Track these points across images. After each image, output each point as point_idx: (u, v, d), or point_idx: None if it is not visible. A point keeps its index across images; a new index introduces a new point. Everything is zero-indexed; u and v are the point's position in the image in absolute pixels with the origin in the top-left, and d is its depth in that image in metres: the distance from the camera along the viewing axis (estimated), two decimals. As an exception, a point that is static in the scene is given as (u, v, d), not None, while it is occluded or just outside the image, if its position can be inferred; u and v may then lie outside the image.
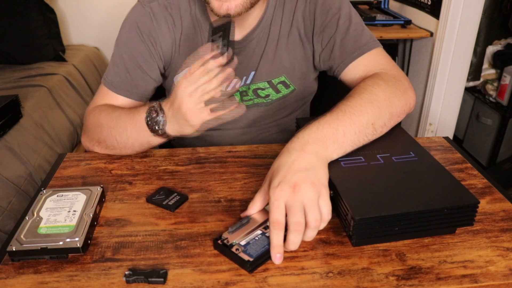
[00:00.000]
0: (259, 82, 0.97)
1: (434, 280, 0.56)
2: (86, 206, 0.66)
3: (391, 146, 0.75)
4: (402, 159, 0.71)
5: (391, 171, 0.68)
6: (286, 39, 0.96)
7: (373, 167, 0.68)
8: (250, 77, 0.97)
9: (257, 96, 0.99)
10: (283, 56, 0.96)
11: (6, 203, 1.27)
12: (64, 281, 0.56)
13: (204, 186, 0.76)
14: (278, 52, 0.96)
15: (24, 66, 2.03)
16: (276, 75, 0.97)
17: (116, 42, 0.93)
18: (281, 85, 0.99)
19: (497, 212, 0.69)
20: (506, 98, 2.16)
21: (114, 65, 0.92)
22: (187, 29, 0.93)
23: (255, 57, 0.96)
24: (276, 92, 0.99)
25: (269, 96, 0.99)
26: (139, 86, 0.93)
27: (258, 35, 0.94)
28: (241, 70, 0.95)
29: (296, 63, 0.98)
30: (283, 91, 1.00)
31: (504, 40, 2.38)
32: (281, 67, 0.97)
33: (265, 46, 0.95)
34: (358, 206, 0.60)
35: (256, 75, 0.97)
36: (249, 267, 0.57)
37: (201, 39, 0.94)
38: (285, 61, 0.97)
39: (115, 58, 0.93)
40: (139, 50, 0.91)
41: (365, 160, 0.70)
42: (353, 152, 0.72)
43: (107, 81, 0.92)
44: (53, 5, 2.21)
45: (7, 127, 1.45)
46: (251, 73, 0.96)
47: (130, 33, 0.91)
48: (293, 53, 0.97)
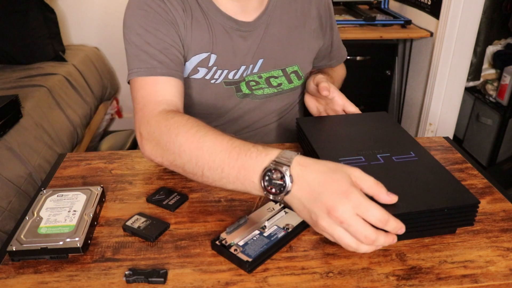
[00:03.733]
0: (272, 70, 0.97)
1: (435, 280, 0.56)
2: (86, 206, 0.66)
3: (392, 146, 0.75)
4: (402, 159, 0.71)
5: (391, 171, 0.68)
6: (302, 29, 0.98)
7: (373, 167, 0.68)
8: (258, 65, 0.95)
9: (269, 85, 0.98)
10: (298, 45, 0.98)
11: (6, 203, 1.27)
12: (64, 281, 0.56)
13: (204, 186, 0.76)
14: (293, 40, 0.97)
15: (24, 66, 2.03)
16: (290, 63, 0.98)
17: (127, 32, 0.83)
18: (294, 75, 1.00)
19: (497, 212, 0.69)
20: (506, 98, 2.16)
21: (136, 55, 0.81)
22: (197, 13, 0.88)
23: (265, 43, 0.94)
24: (288, 82, 1.00)
25: (281, 85, 0.99)
26: (172, 61, 0.82)
27: (266, 20, 0.93)
28: (248, 57, 0.93)
29: (309, 55, 1.02)
30: (295, 82, 1.01)
31: (504, 40, 2.38)
32: (296, 56, 0.98)
33: (277, 32, 0.95)
34: None
35: (267, 63, 0.96)
36: (248, 267, 0.57)
37: (210, 24, 0.88)
38: (299, 50, 0.98)
39: (132, 47, 0.82)
40: (159, 28, 0.82)
41: (366, 160, 0.70)
42: (353, 152, 0.72)
43: (138, 72, 0.81)
44: (53, 5, 2.21)
45: (7, 127, 1.45)
46: (259, 61, 0.95)
47: (145, 15, 0.82)
48: (307, 44, 1.00)
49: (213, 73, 0.92)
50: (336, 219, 0.52)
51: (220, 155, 0.62)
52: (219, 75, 0.93)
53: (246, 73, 0.95)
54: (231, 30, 0.90)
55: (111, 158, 0.86)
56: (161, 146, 0.70)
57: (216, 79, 0.93)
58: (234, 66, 0.93)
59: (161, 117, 0.73)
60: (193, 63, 0.90)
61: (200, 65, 0.91)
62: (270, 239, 0.60)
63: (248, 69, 0.95)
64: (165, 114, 0.73)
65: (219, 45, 0.91)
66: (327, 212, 0.53)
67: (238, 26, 0.91)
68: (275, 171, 0.56)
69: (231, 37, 0.91)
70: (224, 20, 0.90)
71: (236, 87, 0.96)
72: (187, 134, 0.67)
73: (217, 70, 0.92)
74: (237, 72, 0.94)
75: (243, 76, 0.95)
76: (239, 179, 0.61)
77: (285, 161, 0.57)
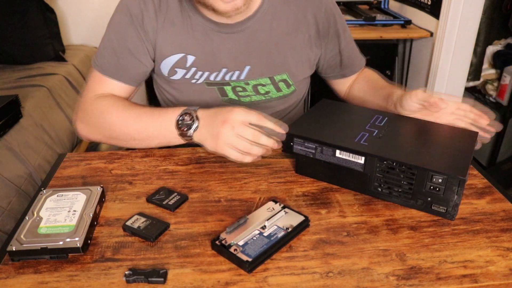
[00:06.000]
0: (259, 77, 0.96)
1: (434, 280, 0.56)
2: (86, 206, 0.66)
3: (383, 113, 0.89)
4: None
5: (420, 127, 0.79)
6: (294, 37, 0.95)
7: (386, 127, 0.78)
8: (245, 72, 0.95)
9: (257, 92, 0.98)
10: (288, 53, 0.96)
11: (6, 203, 1.27)
12: (64, 281, 0.56)
13: (204, 186, 0.76)
14: (282, 47, 0.95)
15: (24, 66, 2.03)
16: (279, 71, 0.96)
17: (107, 25, 0.93)
18: (283, 84, 0.98)
19: (497, 212, 0.69)
20: (506, 98, 2.16)
21: (104, 48, 0.92)
22: (173, 14, 0.90)
23: (251, 49, 0.93)
24: (277, 90, 0.99)
25: (269, 93, 0.99)
26: (128, 69, 0.92)
27: (254, 25, 0.92)
28: (230, 60, 0.93)
29: (300, 64, 0.98)
30: (284, 90, 0.99)
31: (504, 40, 2.37)
32: (285, 64, 0.96)
33: (266, 39, 0.94)
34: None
35: (254, 70, 0.95)
36: (248, 267, 0.57)
37: (189, 26, 0.91)
38: (290, 59, 0.96)
39: (104, 40, 0.92)
40: (128, 33, 0.90)
41: (375, 128, 0.79)
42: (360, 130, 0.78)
43: (97, 64, 0.92)
44: (53, 5, 2.21)
45: (7, 127, 1.45)
46: (246, 67, 0.95)
47: (120, 16, 0.91)
48: (300, 53, 0.97)
49: (192, 73, 0.93)
50: (229, 144, 0.73)
51: (144, 119, 0.84)
52: (200, 76, 0.94)
53: (231, 78, 0.95)
54: (211, 32, 0.91)
55: (111, 158, 0.86)
56: (98, 126, 0.89)
57: (197, 79, 0.94)
58: (214, 68, 0.93)
59: (94, 102, 0.90)
60: (169, 64, 0.93)
61: (177, 66, 0.93)
62: (270, 239, 0.61)
63: (233, 75, 0.94)
64: (97, 99, 0.90)
65: (199, 47, 0.91)
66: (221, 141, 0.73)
67: (218, 28, 0.91)
68: (186, 115, 0.79)
69: (212, 39, 0.91)
70: (204, 22, 0.90)
71: (221, 91, 0.96)
72: (116, 112, 0.86)
73: (197, 71, 0.93)
74: (218, 74, 0.94)
75: (227, 80, 0.94)
76: (161, 132, 0.82)
77: (192, 109, 0.80)
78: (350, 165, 0.72)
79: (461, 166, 0.66)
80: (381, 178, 0.70)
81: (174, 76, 0.94)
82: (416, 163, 0.66)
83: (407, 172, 0.67)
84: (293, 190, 0.75)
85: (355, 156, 0.71)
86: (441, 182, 0.65)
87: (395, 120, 0.82)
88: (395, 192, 0.70)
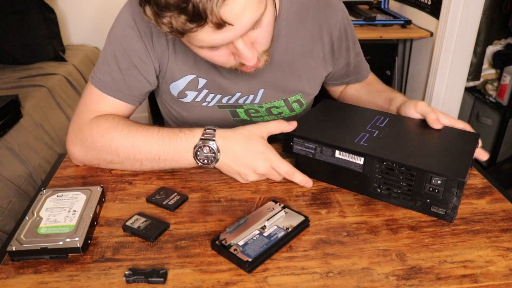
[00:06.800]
0: (274, 100, 0.93)
1: (434, 280, 0.56)
2: (86, 206, 0.66)
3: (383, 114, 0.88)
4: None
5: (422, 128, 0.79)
6: (308, 58, 0.92)
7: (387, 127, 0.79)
8: (259, 95, 0.91)
9: (270, 114, 0.96)
10: (302, 74, 0.93)
11: (6, 203, 1.27)
12: (64, 281, 0.56)
13: (204, 186, 0.76)
14: (297, 69, 0.91)
15: (24, 66, 2.03)
16: (293, 93, 0.94)
17: (108, 37, 0.83)
18: (296, 104, 0.96)
19: (497, 212, 0.69)
20: (506, 98, 2.16)
21: (105, 63, 0.82)
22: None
23: (266, 72, 0.88)
24: (290, 111, 0.97)
25: (282, 113, 0.97)
26: (133, 87, 0.83)
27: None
28: (244, 84, 0.89)
29: (313, 82, 0.96)
30: (297, 109, 0.98)
31: (504, 40, 2.38)
32: (299, 85, 0.94)
33: (281, 61, 0.89)
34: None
35: (269, 93, 0.92)
36: (248, 267, 0.57)
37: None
38: (304, 80, 0.93)
39: (106, 55, 0.82)
40: (134, 48, 0.81)
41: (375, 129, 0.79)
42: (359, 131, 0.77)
43: (96, 80, 0.82)
44: (53, 5, 2.21)
45: (7, 127, 1.45)
46: (260, 91, 0.91)
47: (125, 29, 0.81)
48: (313, 73, 0.94)
49: (204, 96, 0.90)
50: (261, 174, 0.74)
51: (154, 146, 0.75)
52: (211, 99, 0.91)
53: (245, 102, 0.92)
54: None
55: (111, 158, 0.86)
56: (97, 151, 0.78)
57: (208, 102, 0.91)
58: (227, 92, 0.90)
59: (92, 123, 0.79)
60: (179, 87, 0.88)
61: (187, 88, 0.89)
62: (270, 239, 0.61)
63: (248, 99, 0.92)
64: (96, 119, 0.80)
65: (211, 70, 0.87)
66: (253, 170, 0.73)
67: None
68: (204, 147, 0.72)
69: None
70: None
71: (233, 113, 0.94)
72: (120, 136, 0.76)
73: (208, 93, 0.90)
74: (231, 98, 0.91)
75: (240, 103, 0.92)
76: (175, 160, 0.75)
77: (210, 136, 0.73)
78: (349, 166, 0.72)
79: (461, 168, 0.65)
80: (381, 179, 0.70)
81: (185, 98, 0.90)
82: (415, 164, 0.66)
83: (406, 173, 0.67)
84: (293, 190, 0.75)
85: (354, 156, 0.71)
86: (440, 184, 0.65)
87: (397, 121, 0.82)
88: (394, 193, 0.70)
